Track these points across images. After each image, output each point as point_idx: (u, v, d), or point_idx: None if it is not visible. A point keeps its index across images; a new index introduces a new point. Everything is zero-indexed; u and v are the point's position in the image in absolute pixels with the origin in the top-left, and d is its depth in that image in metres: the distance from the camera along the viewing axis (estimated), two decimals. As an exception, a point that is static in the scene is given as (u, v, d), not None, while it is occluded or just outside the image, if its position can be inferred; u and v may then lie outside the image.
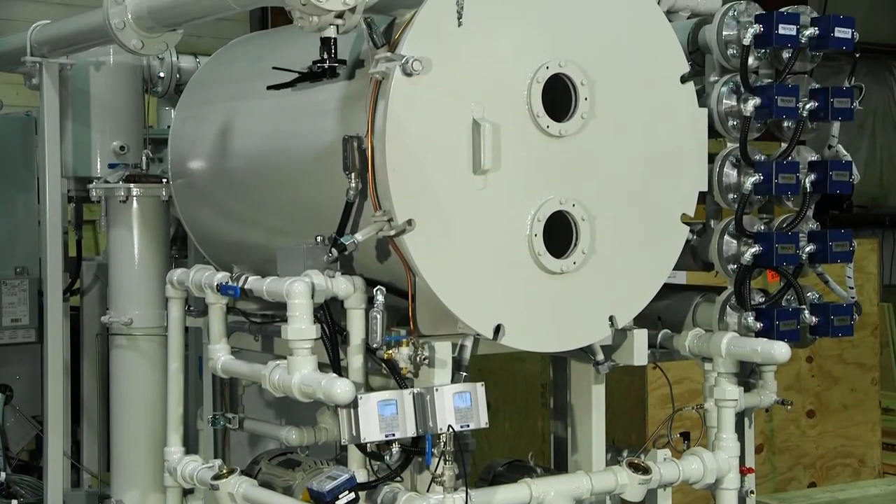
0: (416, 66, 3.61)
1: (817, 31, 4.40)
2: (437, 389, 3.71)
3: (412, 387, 3.74)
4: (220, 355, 4.34)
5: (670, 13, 4.74)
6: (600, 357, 4.20)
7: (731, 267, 4.47)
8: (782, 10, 4.43)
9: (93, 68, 5.59)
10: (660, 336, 4.57)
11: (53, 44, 5.21)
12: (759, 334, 4.38)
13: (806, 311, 4.48)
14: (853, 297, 4.70)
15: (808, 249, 4.48)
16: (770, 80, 4.48)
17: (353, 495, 3.64)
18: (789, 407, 4.94)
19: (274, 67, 4.12)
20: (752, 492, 4.68)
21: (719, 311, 4.48)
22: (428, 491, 3.75)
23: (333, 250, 3.78)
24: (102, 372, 5.98)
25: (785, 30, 4.35)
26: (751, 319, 4.40)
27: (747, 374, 4.70)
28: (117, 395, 5.40)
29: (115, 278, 5.39)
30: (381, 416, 3.61)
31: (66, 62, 5.34)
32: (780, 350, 4.26)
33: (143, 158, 5.45)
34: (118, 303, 5.36)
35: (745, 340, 4.36)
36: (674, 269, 4.28)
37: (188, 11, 4.34)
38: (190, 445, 4.91)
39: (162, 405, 4.95)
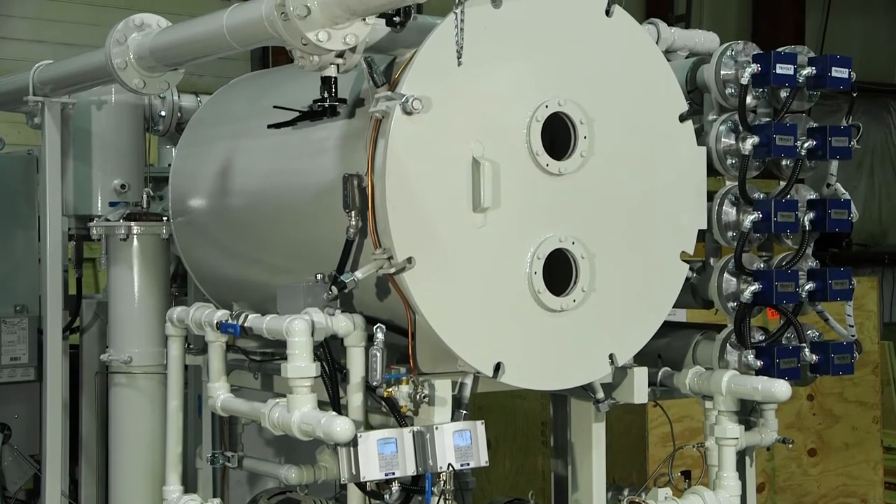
0: (416, 105, 3.63)
1: (814, 71, 4.43)
2: (437, 428, 3.70)
3: (412, 425, 3.73)
4: (219, 393, 4.33)
5: (668, 52, 4.78)
6: (600, 395, 4.19)
7: (731, 305, 4.47)
8: (779, 49, 4.46)
9: (94, 107, 5.62)
10: (660, 374, 4.56)
11: (56, 83, 5.24)
12: (759, 372, 4.37)
13: (806, 350, 4.48)
14: (853, 336, 4.70)
15: (807, 287, 4.48)
16: (768, 119, 4.51)
17: (352, 534, 3.62)
18: (790, 446, 4.91)
19: (275, 106, 4.14)
20: (753, 531, 4.66)
21: (719, 349, 4.47)
22: (428, 530, 3.73)
23: (333, 288, 3.78)
24: (101, 411, 5.95)
25: (782, 69, 4.38)
26: (751, 357, 4.39)
27: (748, 413, 4.68)
28: (116, 434, 5.38)
29: (115, 316, 5.39)
30: (381, 455, 3.60)
31: (69, 101, 5.37)
32: (781, 388, 4.25)
33: (144, 197, 5.47)
34: (118, 341, 5.36)
35: (746, 379, 4.35)
36: (674, 307, 4.29)
37: (190, 51, 4.37)
38: (189, 484, 4.88)
39: (161, 444, 4.93)
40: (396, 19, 3.69)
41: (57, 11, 10.61)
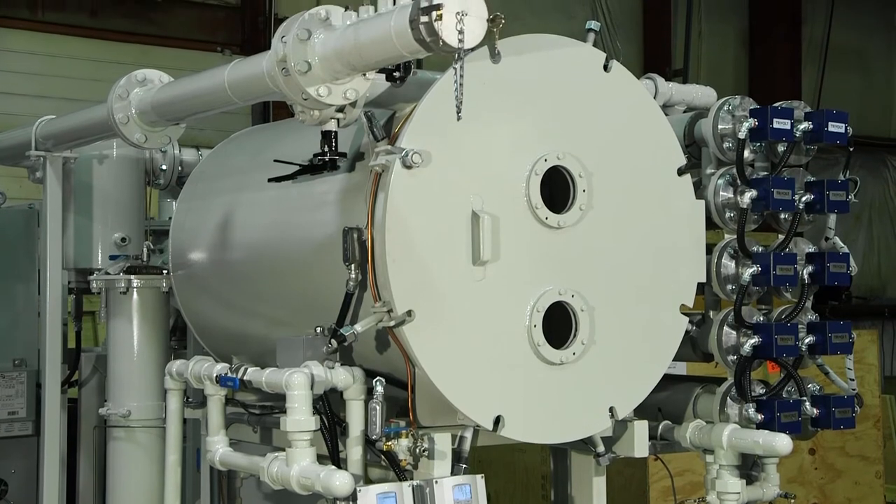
0: (415, 159, 3.65)
1: (811, 126, 4.46)
2: (436, 482, 3.68)
3: (412, 479, 3.71)
4: (218, 447, 4.31)
5: (666, 107, 4.82)
6: (601, 448, 4.17)
7: (731, 358, 4.46)
8: (776, 104, 4.50)
9: (96, 161, 5.65)
10: (660, 427, 4.54)
11: (58, 138, 5.27)
12: (760, 426, 4.36)
13: (807, 403, 4.46)
14: (854, 389, 4.69)
15: (807, 341, 4.48)
16: (766, 173, 4.53)
17: (351, 590, 3.59)
18: (793, 500, 4.88)
19: (275, 160, 4.17)
20: (756, 587, 4.61)
21: (720, 403, 4.46)
22: (427, 586, 3.69)
23: (333, 341, 3.78)
24: (99, 465, 5.92)
25: (779, 124, 4.41)
26: (752, 411, 4.37)
27: (749, 467, 4.65)
28: (114, 489, 5.34)
29: (114, 370, 5.38)
30: (381, 509, 3.58)
31: (70, 156, 5.40)
32: (782, 442, 4.23)
33: (144, 250, 5.47)
34: (116, 394, 5.34)
35: (747, 432, 4.33)
36: (673, 360, 4.28)
37: (191, 106, 4.40)
38: (187, 540, 4.84)
39: (159, 498, 4.90)
40: (396, 74, 3.73)
41: (59, 67, 10.71)
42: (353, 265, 3.76)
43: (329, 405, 3.85)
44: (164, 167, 6.08)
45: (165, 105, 4.45)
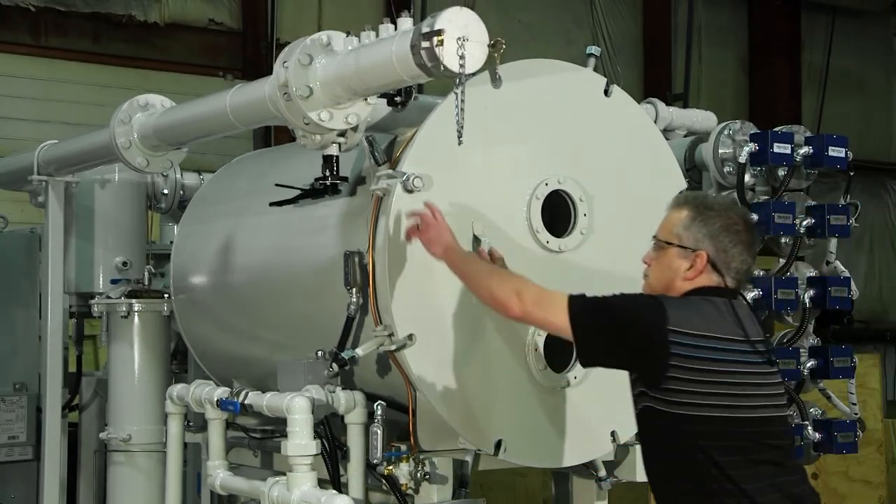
0: (416, 184, 3.66)
1: (811, 150, 4.48)
2: (437, 506, 3.67)
3: (413, 503, 3.69)
4: (218, 472, 4.30)
5: (667, 131, 4.84)
6: (602, 473, 4.16)
7: (733, 382, 4.44)
8: (776, 129, 4.51)
9: (98, 186, 5.65)
10: (662, 452, 4.52)
11: (60, 162, 5.28)
12: (762, 450, 4.34)
13: (809, 427, 4.45)
14: (856, 414, 4.68)
15: (809, 365, 4.48)
16: (766, 197, 4.54)
17: None
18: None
19: (276, 184, 4.17)
20: None
21: (721, 427, 4.44)
22: None
23: (334, 365, 3.78)
24: (99, 489, 5.90)
25: (780, 148, 4.43)
26: (753, 435, 4.35)
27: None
28: (114, 514, 5.32)
29: (115, 394, 5.37)
30: (381, 534, 3.57)
31: (72, 180, 5.41)
32: (784, 466, 4.21)
33: (146, 274, 5.47)
34: (117, 419, 5.33)
35: (749, 456, 4.31)
36: (675, 384, 4.26)
37: (193, 130, 4.42)
38: (187, 565, 4.82)
39: (159, 523, 4.88)
40: (397, 99, 3.74)
41: (61, 92, 10.74)
42: (354, 289, 3.76)
43: (330, 429, 3.84)
44: (165, 191, 6.08)
45: (167, 129, 4.47)
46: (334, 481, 3.83)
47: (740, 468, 3.09)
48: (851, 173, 4.59)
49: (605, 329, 3.23)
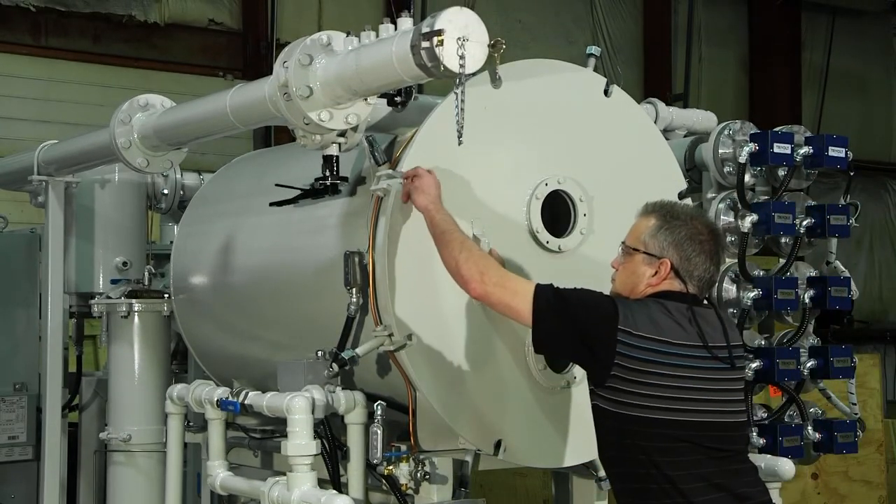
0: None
1: (811, 150, 4.47)
2: (437, 506, 3.67)
3: (413, 503, 3.69)
4: (218, 472, 4.30)
5: (667, 131, 4.84)
6: (602, 473, 4.15)
7: (733, 382, 4.44)
8: (777, 129, 4.51)
9: (98, 186, 5.65)
10: (662, 452, 4.52)
11: (60, 163, 5.28)
12: (762, 450, 4.35)
13: (809, 428, 4.45)
14: (856, 414, 4.68)
15: (809, 365, 4.47)
16: (767, 198, 4.54)
17: None
18: (795, 525, 4.87)
19: (276, 184, 4.18)
20: None
21: (721, 427, 4.44)
22: None
23: (334, 365, 3.77)
24: (99, 490, 5.90)
25: (780, 148, 4.42)
26: (754, 435, 4.36)
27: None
28: (114, 514, 5.32)
29: (115, 394, 5.37)
30: (381, 534, 3.56)
31: (72, 180, 5.41)
32: (785, 467, 4.22)
33: (146, 274, 5.47)
34: (117, 419, 5.33)
35: (749, 456, 4.31)
36: (675, 384, 4.26)
37: (193, 131, 4.41)
38: (187, 565, 4.82)
39: (159, 524, 4.88)
40: (398, 99, 3.74)
41: (62, 92, 10.74)
42: (354, 289, 3.76)
43: (330, 429, 3.84)
44: (165, 191, 6.08)
45: (167, 130, 4.47)
46: (334, 481, 3.83)
47: (678, 469, 3.17)
48: (851, 173, 4.59)
49: (560, 320, 3.31)
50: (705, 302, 3.40)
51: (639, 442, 3.20)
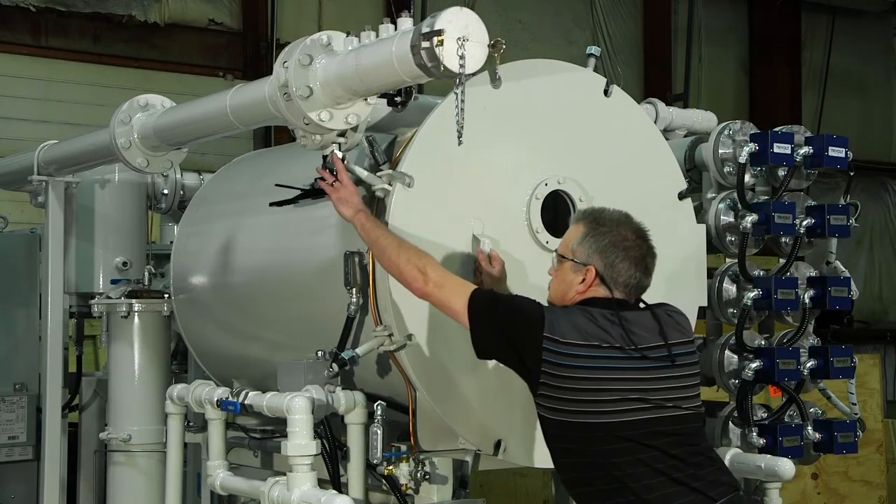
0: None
1: (811, 150, 4.47)
2: (437, 506, 3.67)
3: (413, 503, 3.69)
4: (218, 472, 4.30)
5: (667, 131, 4.84)
6: (602, 473, 4.15)
7: (733, 382, 4.45)
8: (777, 129, 4.51)
9: (98, 186, 5.65)
10: (662, 452, 4.52)
11: (60, 163, 5.28)
12: (762, 450, 4.35)
13: (809, 427, 4.45)
14: (856, 414, 4.68)
15: (809, 365, 4.47)
16: (767, 197, 4.54)
17: None
18: (795, 524, 4.87)
19: (276, 184, 4.18)
20: None
21: (721, 427, 4.45)
22: None
23: (334, 365, 3.78)
24: (99, 490, 5.89)
25: (780, 148, 4.42)
26: (754, 435, 4.36)
27: (752, 492, 4.64)
28: (114, 514, 5.32)
29: (115, 394, 5.37)
30: (381, 534, 3.56)
31: (72, 180, 5.41)
32: (785, 467, 4.22)
33: (146, 274, 5.47)
34: (117, 419, 5.32)
35: (749, 457, 4.32)
36: (675, 385, 4.26)
37: (193, 131, 4.42)
38: (187, 565, 4.82)
39: (159, 524, 4.88)
40: (398, 99, 3.74)
41: (62, 92, 10.74)
42: (354, 289, 3.76)
43: (330, 429, 3.84)
44: (165, 191, 6.08)
45: (167, 130, 4.47)
46: (334, 481, 3.83)
47: (627, 468, 3.20)
48: (851, 173, 4.59)
49: (492, 326, 3.36)
50: (642, 305, 3.43)
51: (582, 447, 3.24)
